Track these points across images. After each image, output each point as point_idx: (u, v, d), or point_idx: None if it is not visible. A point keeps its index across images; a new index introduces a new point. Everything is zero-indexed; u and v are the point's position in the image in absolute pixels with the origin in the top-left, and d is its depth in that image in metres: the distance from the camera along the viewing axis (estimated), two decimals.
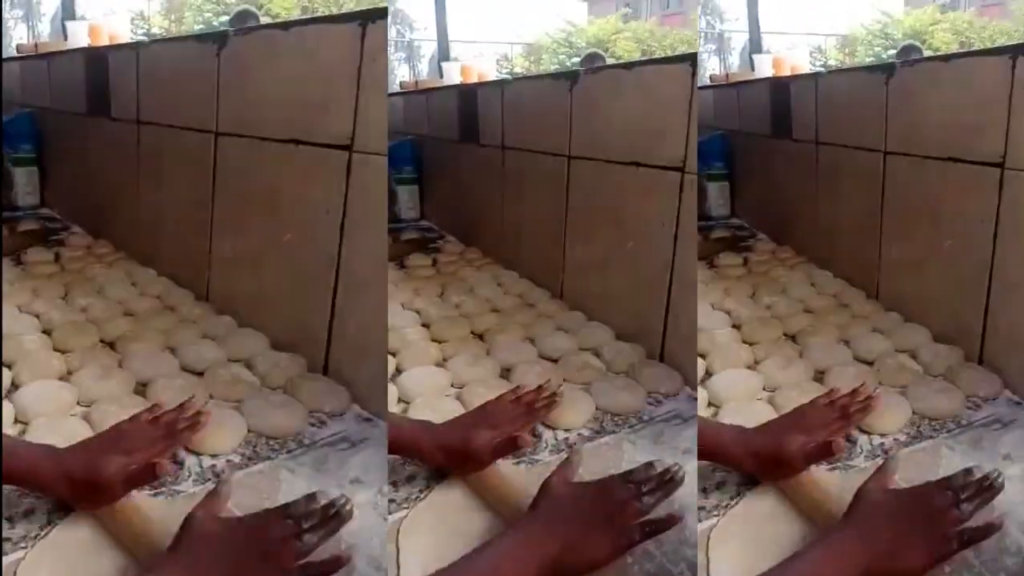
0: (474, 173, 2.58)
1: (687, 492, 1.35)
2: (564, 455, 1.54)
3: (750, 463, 1.44)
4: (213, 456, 1.43)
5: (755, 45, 2.73)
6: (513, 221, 2.39)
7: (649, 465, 1.29)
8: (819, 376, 1.79)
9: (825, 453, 1.44)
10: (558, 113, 2.12)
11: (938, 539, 1.22)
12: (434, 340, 1.93)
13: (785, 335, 1.98)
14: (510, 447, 1.45)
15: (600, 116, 2.05)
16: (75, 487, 1.27)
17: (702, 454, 1.45)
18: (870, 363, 1.83)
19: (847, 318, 2.06)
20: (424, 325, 2.00)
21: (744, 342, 1.94)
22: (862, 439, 1.57)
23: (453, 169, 2.71)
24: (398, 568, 1.34)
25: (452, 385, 1.74)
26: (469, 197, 2.61)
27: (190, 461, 1.42)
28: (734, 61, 2.78)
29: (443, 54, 2.84)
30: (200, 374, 1.67)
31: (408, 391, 1.70)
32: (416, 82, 3.04)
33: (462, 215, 2.63)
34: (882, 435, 1.58)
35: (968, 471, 1.28)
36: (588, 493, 1.29)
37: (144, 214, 2.17)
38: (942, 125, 1.95)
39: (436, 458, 1.45)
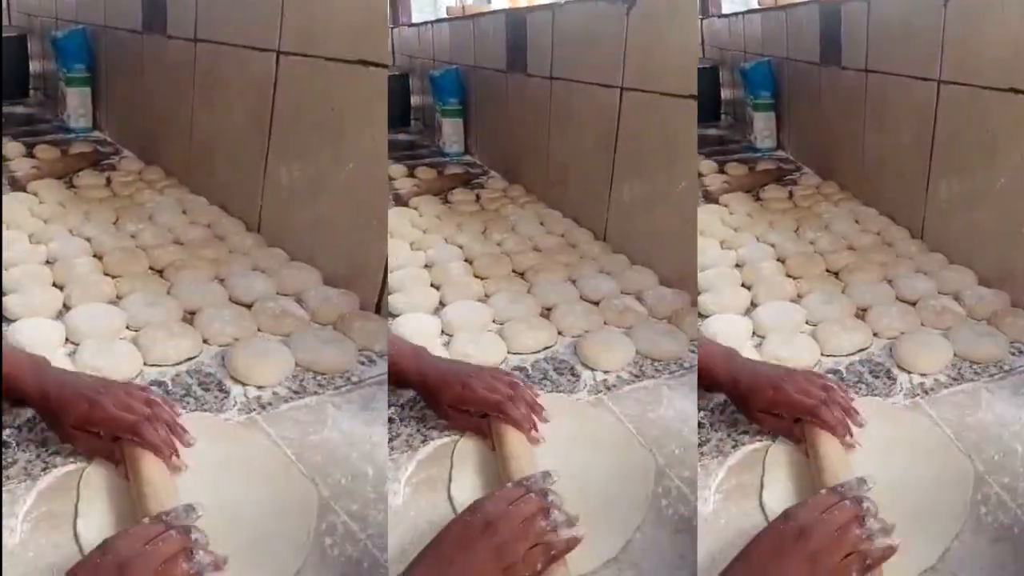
0: (521, 106, 2.54)
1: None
2: (601, 396, 1.53)
3: (729, 389, 1.43)
4: (259, 388, 1.45)
5: None
6: (558, 158, 2.37)
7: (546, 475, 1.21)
8: (860, 313, 1.79)
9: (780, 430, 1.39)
10: (612, 40, 2.07)
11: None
12: (476, 276, 1.94)
13: (828, 271, 1.98)
14: None
15: (658, 45, 1.97)
16: (44, 411, 1.27)
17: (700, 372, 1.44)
18: (913, 303, 1.82)
19: (891, 257, 2.05)
20: (467, 261, 2.01)
21: (788, 276, 1.95)
22: (902, 376, 1.58)
23: (500, 101, 2.68)
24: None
25: (494, 321, 1.75)
26: (514, 131, 2.58)
27: (235, 391, 1.44)
28: None
29: None
30: (249, 306, 1.67)
31: (451, 324, 1.72)
32: (463, 7, 3.01)
33: (507, 150, 2.61)
34: (923, 374, 1.58)
35: (863, 481, 1.19)
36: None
37: (197, 139, 2.16)
38: (1002, 53, 1.87)
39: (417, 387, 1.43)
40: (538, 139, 2.42)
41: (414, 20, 3.38)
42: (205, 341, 1.56)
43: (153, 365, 1.49)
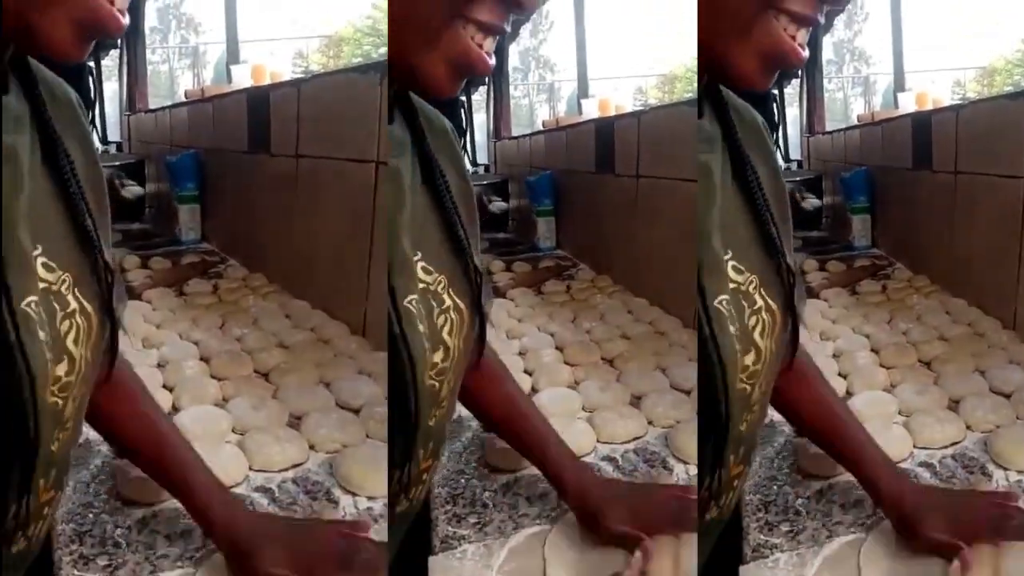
0: (608, 203, 2.63)
1: None
2: None
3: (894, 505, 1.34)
4: (370, 498, 1.41)
5: (899, 84, 2.80)
6: (645, 249, 2.43)
7: None
8: (953, 405, 1.77)
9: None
10: (689, 140, 2.15)
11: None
12: (567, 363, 1.97)
13: (920, 361, 1.98)
14: None
15: None
16: (230, 553, 1.18)
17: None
18: (1007, 395, 1.80)
19: (982, 347, 2.04)
20: (558, 348, 2.04)
21: (881, 366, 1.95)
22: (998, 473, 1.55)
23: (589, 200, 2.77)
24: None
25: (583, 408, 1.77)
26: (602, 226, 2.67)
27: (344, 500, 1.41)
28: (878, 101, 2.86)
29: (583, 92, 2.92)
30: (356, 411, 1.66)
31: (542, 410, 1.74)
32: (557, 120, 3.14)
33: (595, 243, 2.69)
34: (1020, 471, 1.55)
35: None
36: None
37: (299, 247, 2.24)
38: None
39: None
40: (625, 231, 2.49)
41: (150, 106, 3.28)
42: (312, 447, 1.53)
43: (258, 471, 1.47)
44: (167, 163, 2.71)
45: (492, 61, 0.82)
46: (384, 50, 2.45)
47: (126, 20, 0.64)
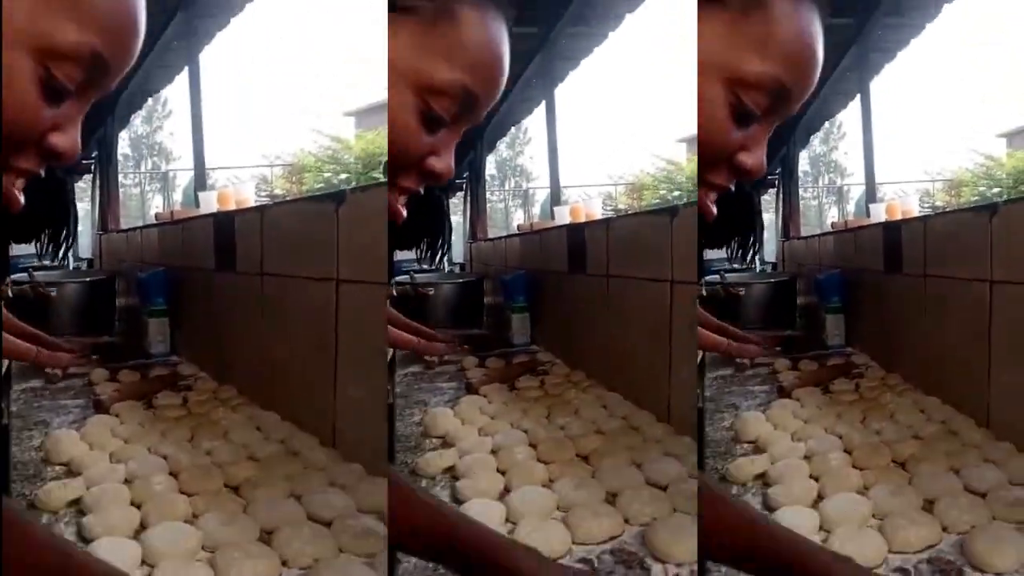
0: (579, 301, 2.67)
1: None
2: None
3: None
4: None
5: (871, 195, 2.95)
6: (619, 344, 2.45)
7: None
8: (928, 505, 1.76)
9: None
10: (659, 244, 2.21)
11: None
12: (541, 460, 1.96)
13: (894, 461, 1.97)
14: None
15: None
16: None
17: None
18: (982, 495, 1.79)
19: (956, 446, 2.04)
20: (532, 445, 2.03)
21: (855, 467, 1.94)
22: None
23: (560, 298, 2.81)
24: None
25: (558, 508, 1.75)
26: (574, 322, 2.70)
27: None
28: (851, 210, 3.03)
29: (555, 199, 3.05)
30: (328, 524, 1.63)
31: (515, 511, 1.73)
32: (531, 224, 3.25)
33: (569, 339, 2.71)
34: (997, 574, 1.53)
35: None
36: None
37: (267, 360, 2.25)
38: None
39: None
40: (598, 328, 2.52)
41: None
42: (284, 563, 1.51)
43: None
44: (138, 279, 2.76)
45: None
46: (343, 176, 2.57)
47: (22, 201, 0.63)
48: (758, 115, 0.70)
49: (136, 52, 0.65)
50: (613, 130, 2.66)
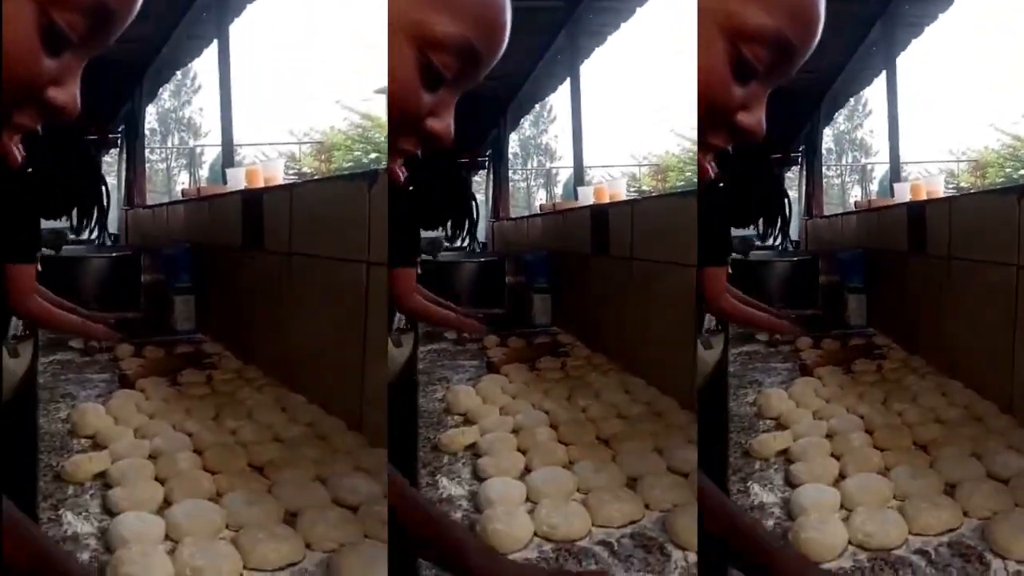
0: (601, 283, 2.66)
1: None
2: None
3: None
4: None
5: (895, 175, 2.92)
6: (641, 329, 2.44)
7: None
8: (949, 490, 1.76)
9: None
10: (684, 226, 2.18)
11: None
12: (561, 442, 1.97)
13: (916, 444, 1.97)
14: None
15: None
16: None
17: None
18: (1005, 481, 1.79)
19: (980, 431, 2.03)
20: (552, 426, 2.04)
21: (876, 447, 1.94)
22: (996, 563, 1.53)
23: (583, 279, 2.80)
24: None
25: (578, 490, 1.77)
26: (596, 305, 2.70)
27: None
28: (874, 189, 3.00)
29: (578, 179, 3.03)
30: (354, 509, 1.63)
31: (536, 490, 1.74)
32: (554, 204, 3.24)
33: (591, 322, 2.71)
34: (1019, 561, 1.53)
35: None
36: None
37: (293, 341, 2.25)
38: None
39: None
40: (619, 310, 2.51)
41: None
42: (308, 546, 1.51)
43: (254, 569, 1.46)
44: (163, 255, 2.76)
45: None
46: (374, 156, 2.57)
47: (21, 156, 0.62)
48: (759, 70, 0.67)
49: (503, 43, 0.61)
50: (639, 109, 2.64)
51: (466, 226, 2.63)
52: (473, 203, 2.66)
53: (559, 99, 2.94)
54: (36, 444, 1.83)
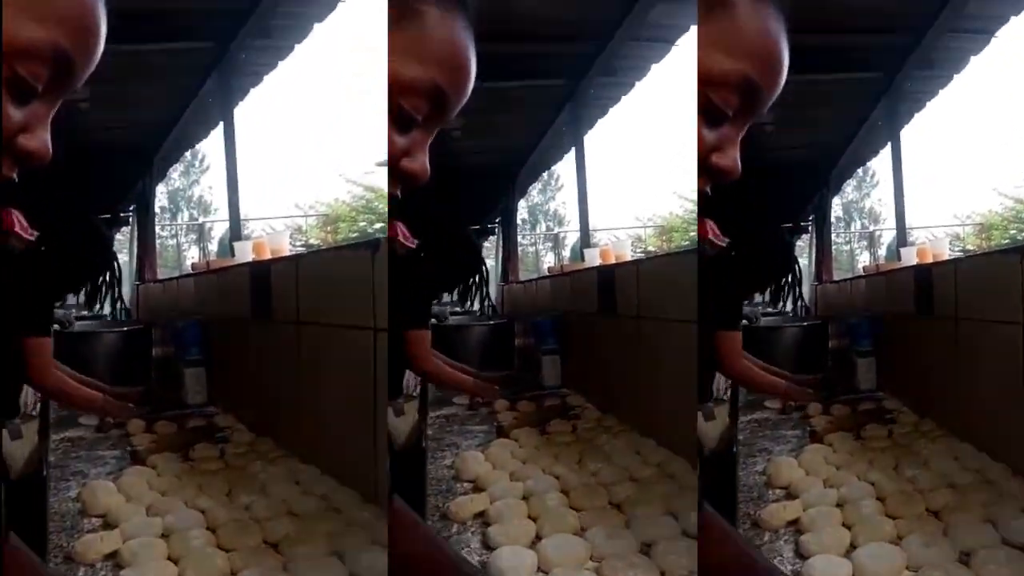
0: (609, 343, 2.67)
1: None
2: None
3: None
4: None
5: (901, 240, 3.03)
6: (650, 388, 2.44)
7: None
8: (964, 558, 1.75)
9: None
10: (688, 285, 2.20)
11: None
12: (572, 508, 1.96)
13: (928, 511, 1.96)
14: None
15: None
16: None
17: None
18: (1020, 547, 1.78)
19: (993, 496, 2.01)
20: (563, 491, 2.03)
21: (888, 515, 1.93)
22: None
23: (591, 340, 2.81)
24: None
25: (591, 557, 1.76)
26: (605, 366, 2.70)
27: None
28: (882, 254, 3.10)
29: (585, 242, 3.09)
30: None
31: (547, 559, 1.73)
32: (562, 267, 3.28)
33: (599, 383, 2.71)
34: None
35: None
36: None
37: (305, 411, 2.24)
38: None
39: None
40: (628, 371, 2.51)
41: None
42: None
43: None
44: (174, 329, 2.78)
45: None
46: (379, 226, 2.62)
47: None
48: (728, 114, 0.70)
49: (99, 49, 0.65)
50: (642, 174, 2.71)
51: (475, 289, 2.64)
52: (483, 266, 2.69)
53: (565, 167, 3.03)
54: (46, 524, 1.83)
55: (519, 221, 3.14)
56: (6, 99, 0.60)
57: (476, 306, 2.77)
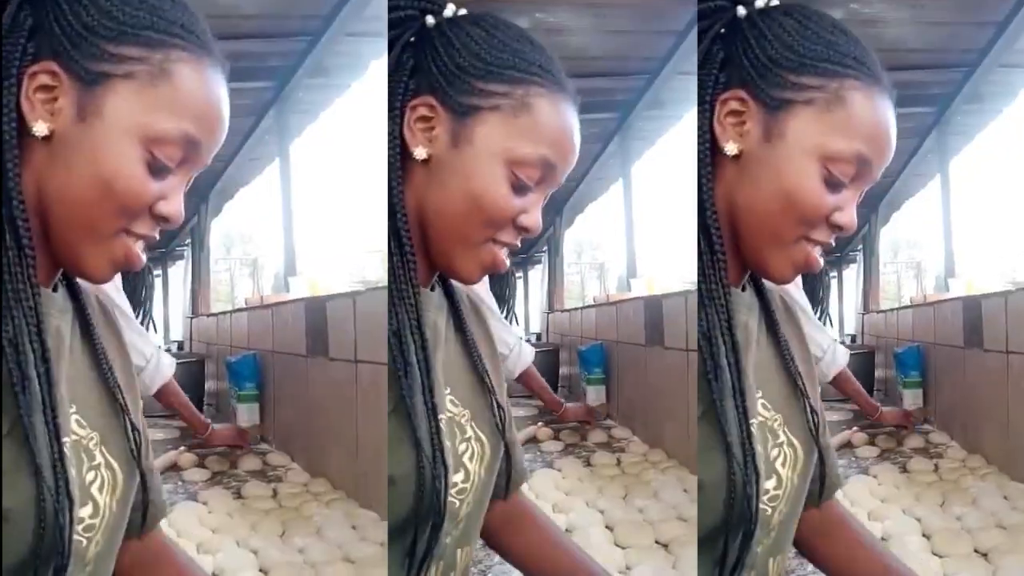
0: (659, 375, 2.65)
1: None
2: None
3: None
4: None
5: (949, 270, 3.02)
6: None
7: None
8: None
9: None
10: None
11: None
12: (618, 545, 1.93)
13: (976, 551, 1.93)
14: None
15: None
16: None
17: None
18: None
19: None
20: (608, 527, 2.00)
21: (934, 553, 1.89)
22: None
23: (637, 371, 2.80)
24: None
25: None
26: (654, 397, 2.68)
27: None
28: (930, 285, 3.12)
29: (630, 271, 3.10)
30: None
31: None
32: (608, 296, 3.29)
33: (647, 415, 2.70)
34: None
35: None
36: None
37: (363, 453, 2.20)
38: None
39: None
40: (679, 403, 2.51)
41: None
42: None
43: None
44: (227, 363, 2.79)
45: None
46: None
47: (144, 259, 0.80)
48: (846, 183, 0.87)
49: (223, 134, 0.78)
50: (690, 204, 2.71)
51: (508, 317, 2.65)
52: (513, 293, 2.70)
53: (612, 197, 3.05)
54: None
55: (564, 251, 3.16)
56: (146, 175, 0.75)
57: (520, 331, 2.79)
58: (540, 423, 2.68)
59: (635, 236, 3.11)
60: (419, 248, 0.86)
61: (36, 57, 0.71)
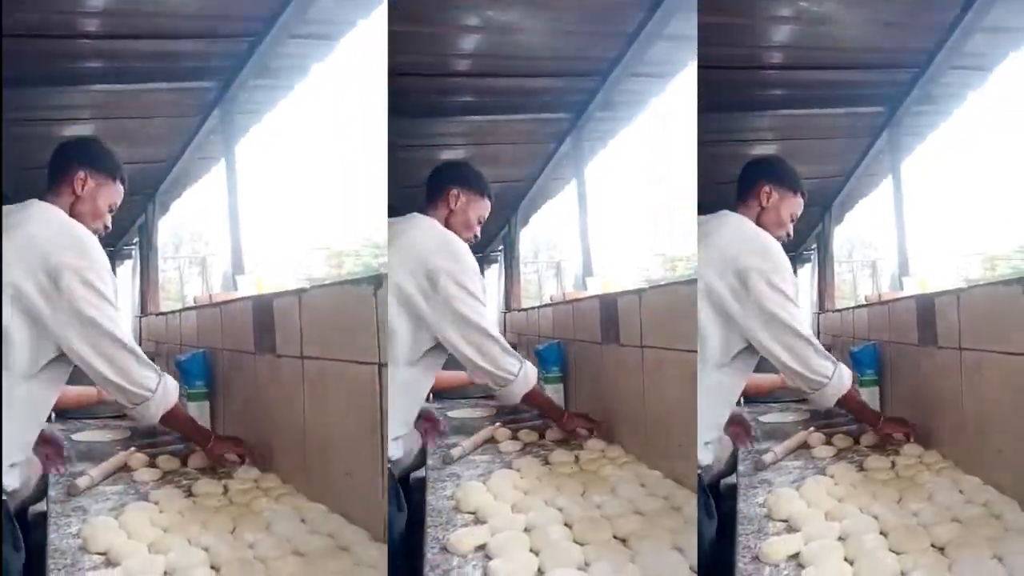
0: (614, 371, 2.66)
1: None
2: None
3: None
4: None
5: (903, 269, 3.11)
6: (654, 417, 2.43)
7: None
8: None
9: None
10: (688, 314, 2.20)
11: None
12: (576, 542, 1.92)
13: (933, 546, 1.92)
14: None
15: None
16: None
17: None
18: None
19: (999, 531, 1.97)
20: (567, 524, 1.99)
21: (891, 550, 1.90)
22: None
23: (596, 368, 2.80)
24: None
25: None
26: (610, 394, 2.68)
27: None
28: (884, 283, 3.13)
29: (586, 270, 3.10)
30: None
31: None
32: (564, 294, 3.31)
33: (604, 413, 2.70)
34: None
35: None
36: None
37: (311, 447, 2.21)
38: None
39: None
40: (633, 399, 2.50)
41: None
42: None
43: None
44: (177, 361, 2.76)
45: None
46: (383, 260, 2.65)
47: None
48: None
49: None
50: (642, 204, 2.74)
51: None
52: None
53: (566, 198, 3.05)
54: (45, 562, 1.81)
55: (520, 251, 3.15)
56: None
57: None
58: (498, 423, 2.65)
59: (590, 235, 3.12)
60: None
61: None
